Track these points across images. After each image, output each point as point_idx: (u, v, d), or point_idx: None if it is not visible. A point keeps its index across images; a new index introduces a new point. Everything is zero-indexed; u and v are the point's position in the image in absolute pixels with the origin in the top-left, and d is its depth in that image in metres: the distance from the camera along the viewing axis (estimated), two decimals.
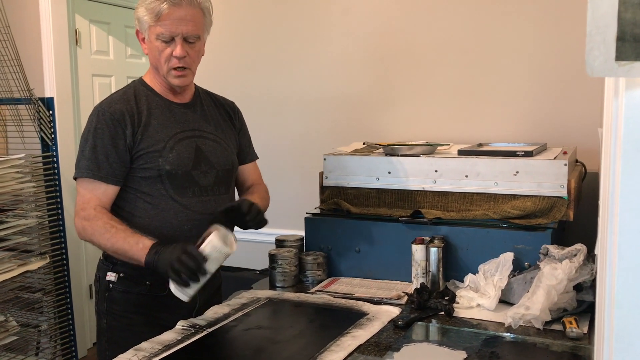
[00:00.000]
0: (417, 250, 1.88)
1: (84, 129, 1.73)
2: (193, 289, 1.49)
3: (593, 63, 0.64)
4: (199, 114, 1.83)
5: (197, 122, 1.81)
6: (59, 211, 2.89)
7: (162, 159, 1.70)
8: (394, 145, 2.13)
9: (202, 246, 1.50)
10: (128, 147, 1.69)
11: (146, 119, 1.73)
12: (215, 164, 1.80)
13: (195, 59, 1.74)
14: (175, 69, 1.71)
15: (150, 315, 1.72)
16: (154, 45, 1.69)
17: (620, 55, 0.63)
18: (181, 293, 1.49)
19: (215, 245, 1.50)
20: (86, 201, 1.66)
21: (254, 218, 1.69)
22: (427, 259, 1.87)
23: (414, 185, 2.02)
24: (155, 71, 1.76)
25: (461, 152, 2.03)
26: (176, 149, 1.73)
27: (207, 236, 1.52)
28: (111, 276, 1.73)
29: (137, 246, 1.57)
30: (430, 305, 1.71)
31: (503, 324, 1.58)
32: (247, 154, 1.98)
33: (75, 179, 1.72)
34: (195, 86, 1.88)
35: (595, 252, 1.33)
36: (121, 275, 1.73)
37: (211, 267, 1.49)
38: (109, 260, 1.75)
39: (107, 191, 1.68)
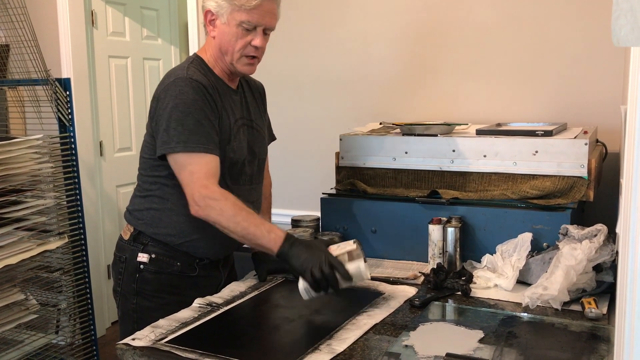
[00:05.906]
0: (434, 231, 1.86)
1: (169, 100, 1.62)
2: (318, 294, 1.51)
3: (619, 32, 0.62)
4: (244, 100, 1.82)
5: (245, 109, 1.81)
6: (77, 191, 2.91)
7: (229, 146, 1.69)
8: (411, 125, 2.11)
9: (347, 265, 1.51)
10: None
11: (220, 102, 1.69)
12: (257, 153, 1.81)
13: (264, 50, 1.72)
14: (248, 56, 1.69)
15: (181, 294, 1.72)
16: (232, 31, 1.65)
17: None
18: (306, 293, 1.53)
19: (361, 273, 1.52)
20: (204, 177, 1.59)
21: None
22: (444, 239, 1.85)
23: (431, 165, 2.01)
24: (219, 55, 1.71)
25: (479, 132, 2.00)
26: (238, 137, 1.73)
27: (343, 244, 1.55)
28: (143, 257, 1.74)
29: (269, 235, 1.55)
30: (447, 285, 1.70)
31: (520, 304, 1.57)
32: (270, 136, 1.98)
33: (165, 154, 1.62)
34: None
35: (617, 231, 1.31)
36: (153, 256, 1.74)
37: (344, 285, 1.52)
38: (138, 242, 1.75)
39: (218, 164, 1.63)
